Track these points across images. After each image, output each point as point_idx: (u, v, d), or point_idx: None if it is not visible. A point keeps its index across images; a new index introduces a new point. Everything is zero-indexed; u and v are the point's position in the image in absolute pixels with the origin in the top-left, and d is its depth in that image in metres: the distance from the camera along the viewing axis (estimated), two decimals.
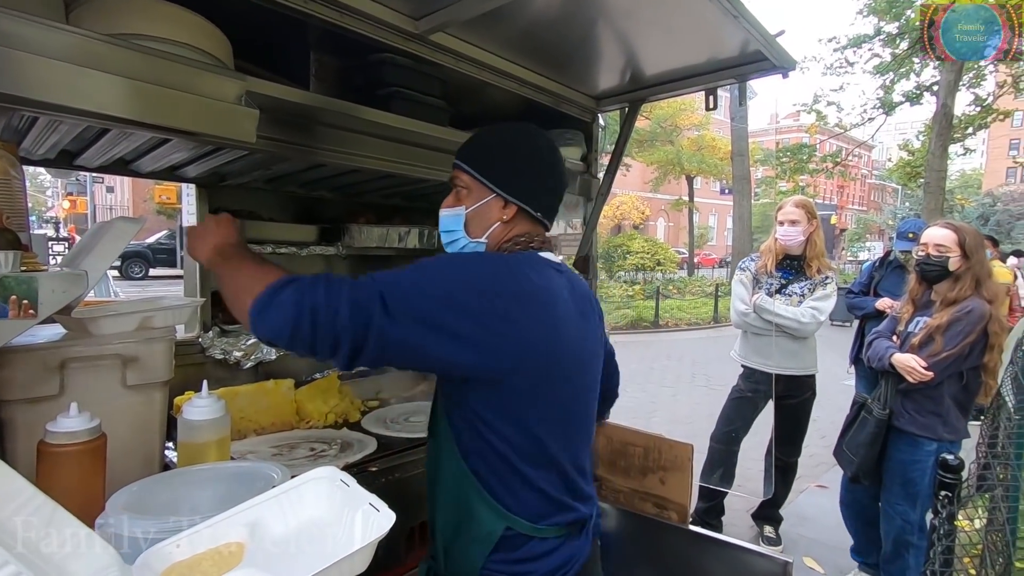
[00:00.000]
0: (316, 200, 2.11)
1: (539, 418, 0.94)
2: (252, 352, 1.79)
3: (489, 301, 0.88)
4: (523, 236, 1.05)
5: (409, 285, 0.86)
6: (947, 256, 2.26)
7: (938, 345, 2.18)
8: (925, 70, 15.11)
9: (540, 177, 1.07)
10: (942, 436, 2.23)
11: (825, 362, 3.03)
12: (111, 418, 1.08)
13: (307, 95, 1.28)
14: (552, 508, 0.98)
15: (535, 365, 0.92)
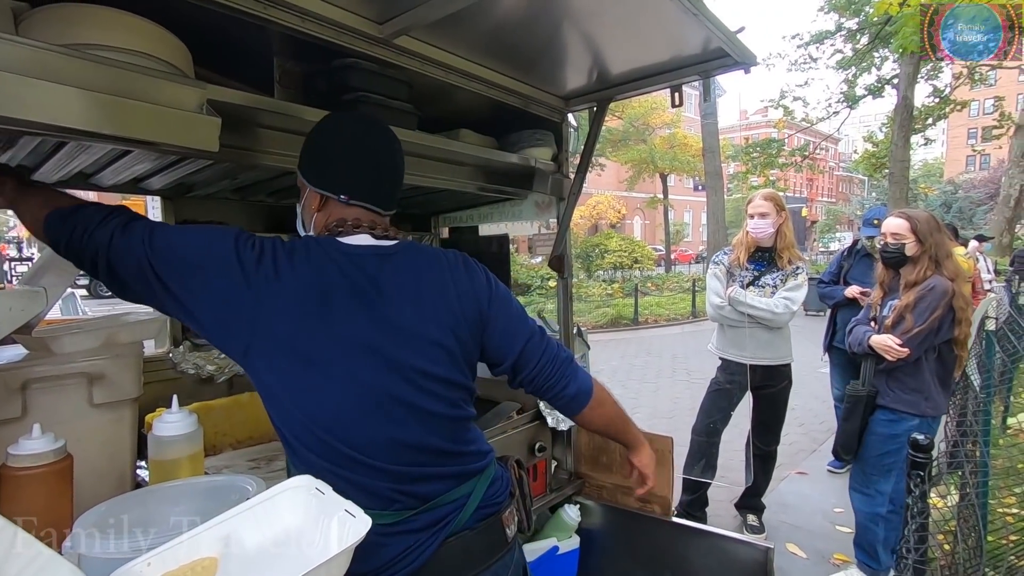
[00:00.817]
0: (287, 209, 2.08)
1: (294, 401, 0.90)
2: (226, 366, 1.76)
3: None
4: (334, 222, 1.04)
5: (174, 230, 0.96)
6: (903, 242, 2.41)
7: (909, 323, 2.30)
8: (885, 64, 15.56)
9: (339, 162, 1.05)
10: (924, 412, 2.35)
11: (800, 351, 3.10)
12: (78, 438, 1.06)
13: (271, 102, 1.26)
14: (360, 494, 0.86)
15: (267, 346, 0.90)
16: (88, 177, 1.52)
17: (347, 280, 0.96)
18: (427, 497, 0.95)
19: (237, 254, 0.92)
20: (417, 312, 0.99)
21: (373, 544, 0.80)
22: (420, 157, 1.65)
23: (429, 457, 0.97)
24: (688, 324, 11.79)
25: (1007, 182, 17.12)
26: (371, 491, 0.90)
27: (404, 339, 0.96)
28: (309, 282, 0.93)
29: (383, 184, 1.09)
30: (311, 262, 0.95)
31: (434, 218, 2.48)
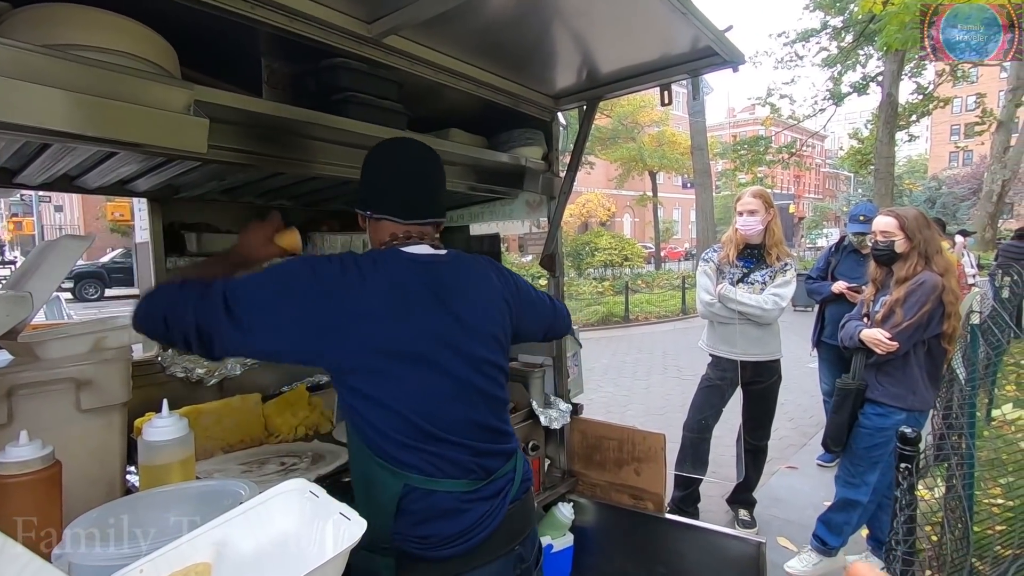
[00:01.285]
0: (275, 210, 2.06)
1: (384, 405, 1.03)
2: (216, 369, 1.75)
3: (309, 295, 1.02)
4: (388, 237, 1.17)
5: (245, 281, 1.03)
6: (893, 240, 2.45)
7: (898, 317, 2.34)
8: (870, 61, 15.74)
9: (382, 186, 1.19)
10: (912, 406, 2.39)
11: (789, 346, 3.13)
12: (67, 444, 1.04)
13: (260, 102, 1.25)
14: (447, 465, 1.06)
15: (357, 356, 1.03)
16: (73, 179, 1.50)
17: (422, 283, 1.10)
18: (491, 470, 1.11)
19: (315, 274, 1.03)
20: (476, 310, 1.15)
21: (459, 510, 1.04)
22: None
23: (491, 435, 1.14)
24: (678, 321, 11.85)
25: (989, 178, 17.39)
26: (454, 463, 1.06)
27: (472, 334, 1.12)
28: (391, 285, 1.07)
29: (429, 201, 1.21)
30: (387, 269, 1.09)
31: None
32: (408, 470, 1.02)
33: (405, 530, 1.02)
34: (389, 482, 1.02)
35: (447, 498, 1.04)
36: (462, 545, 1.04)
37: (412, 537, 1.02)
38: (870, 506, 2.54)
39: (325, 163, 1.42)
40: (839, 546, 2.61)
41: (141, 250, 1.73)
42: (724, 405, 3.11)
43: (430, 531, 1.03)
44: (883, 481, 2.49)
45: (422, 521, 1.03)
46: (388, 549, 1.03)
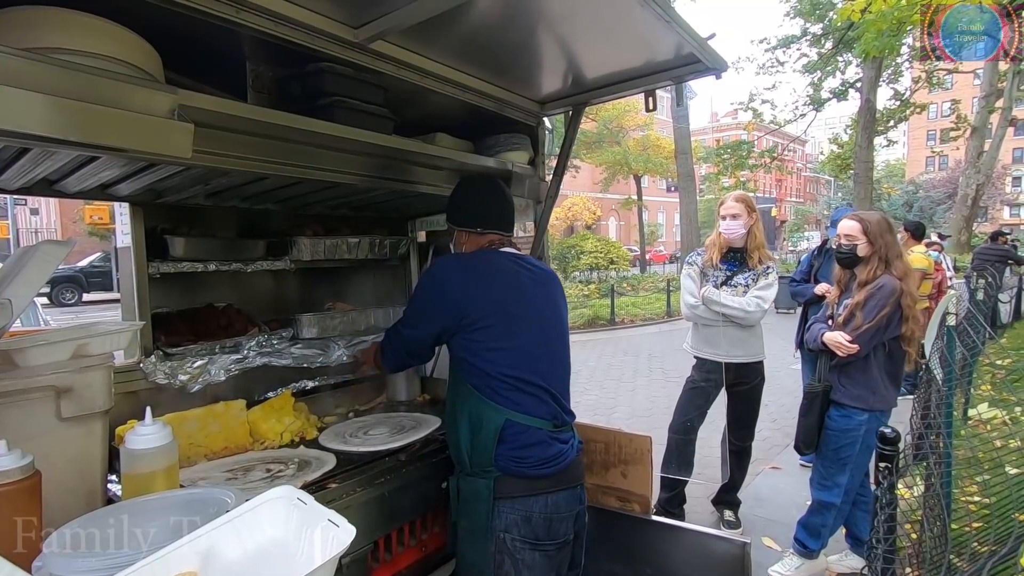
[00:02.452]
0: (260, 214, 2.05)
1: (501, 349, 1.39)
2: (199, 375, 1.72)
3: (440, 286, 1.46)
4: (487, 243, 1.57)
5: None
6: (855, 243, 2.50)
7: (858, 320, 2.39)
8: (849, 68, 16.05)
9: (473, 207, 1.59)
10: (873, 406, 2.43)
11: (772, 348, 3.17)
12: (46, 453, 1.02)
13: (245, 107, 1.25)
14: (531, 404, 1.38)
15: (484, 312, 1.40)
16: (53, 183, 1.48)
17: (523, 270, 1.51)
18: (565, 422, 1.46)
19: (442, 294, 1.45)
20: (552, 294, 1.57)
21: (545, 442, 1.38)
22: (396, 161, 1.64)
23: (566, 395, 1.51)
24: (663, 323, 11.93)
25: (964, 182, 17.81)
26: (544, 405, 1.40)
27: (555, 310, 1.54)
28: (502, 269, 1.48)
29: (506, 215, 1.61)
30: (498, 259, 1.51)
31: (411, 222, 2.47)
32: (511, 407, 1.35)
33: (506, 452, 1.34)
34: (493, 417, 1.35)
35: (537, 433, 1.37)
36: (547, 469, 1.36)
37: (511, 458, 1.35)
38: (844, 507, 2.58)
39: (310, 167, 1.42)
40: (819, 548, 2.64)
41: (122, 255, 1.70)
42: (709, 407, 3.14)
43: (525, 454, 1.35)
44: (853, 481, 2.54)
45: (519, 447, 1.35)
46: (490, 471, 1.35)
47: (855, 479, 2.52)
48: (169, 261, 1.72)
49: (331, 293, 2.33)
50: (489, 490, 1.35)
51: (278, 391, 1.97)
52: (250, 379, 1.91)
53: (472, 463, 1.38)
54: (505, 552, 1.33)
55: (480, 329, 1.38)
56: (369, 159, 1.54)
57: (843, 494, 2.52)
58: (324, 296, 2.29)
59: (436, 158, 1.73)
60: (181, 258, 1.73)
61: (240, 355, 1.82)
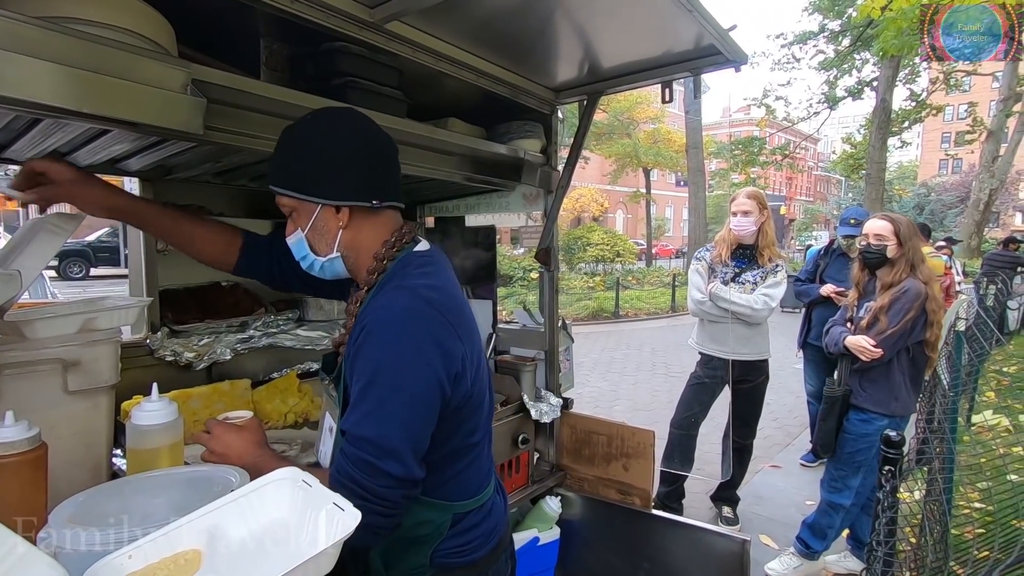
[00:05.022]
0: (269, 194, 2.03)
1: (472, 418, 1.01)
2: (205, 353, 1.73)
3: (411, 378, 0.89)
4: (390, 237, 1.02)
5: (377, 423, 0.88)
6: (885, 244, 2.46)
7: (883, 324, 2.36)
8: (865, 66, 15.84)
9: (354, 164, 0.98)
10: (894, 411, 2.41)
11: (776, 347, 3.15)
12: (53, 426, 1.03)
13: (258, 84, 1.23)
14: (483, 481, 1.08)
15: (470, 377, 0.98)
16: (63, 156, 1.47)
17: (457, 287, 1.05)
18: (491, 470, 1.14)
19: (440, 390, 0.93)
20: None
21: (488, 510, 1.07)
22: (408, 145, 1.62)
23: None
24: (668, 318, 11.92)
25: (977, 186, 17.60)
26: (487, 460, 1.10)
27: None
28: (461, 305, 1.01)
29: (397, 176, 1.06)
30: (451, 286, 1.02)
31: (420, 207, 2.45)
32: (458, 495, 1.02)
33: (446, 546, 1.01)
34: (436, 518, 1.00)
35: (484, 506, 1.07)
36: (492, 541, 1.07)
37: (451, 550, 1.01)
38: (853, 509, 2.57)
39: None
40: (822, 550, 2.64)
41: (131, 230, 1.69)
42: (712, 403, 3.13)
43: (469, 538, 1.03)
44: (866, 485, 2.52)
45: (462, 533, 1.02)
46: (420, 572, 1.00)
47: (868, 483, 2.51)
48: None
49: None
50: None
51: (283, 372, 1.97)
52: (256, 359, 1.91)
53: (390, 567, 1.01)
54: None
55: (456, 409, 0.96)
56: None
57: (853, 496, 2.51)
58: None
59: (448, 143, 1.71)
60: None
61: (246, 335, 1.83)
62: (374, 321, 0.90)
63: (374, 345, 0.89)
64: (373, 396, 0.87)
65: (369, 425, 0.86)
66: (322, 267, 1.04)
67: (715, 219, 19.08)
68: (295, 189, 0.99)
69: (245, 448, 1.00)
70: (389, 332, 0.89)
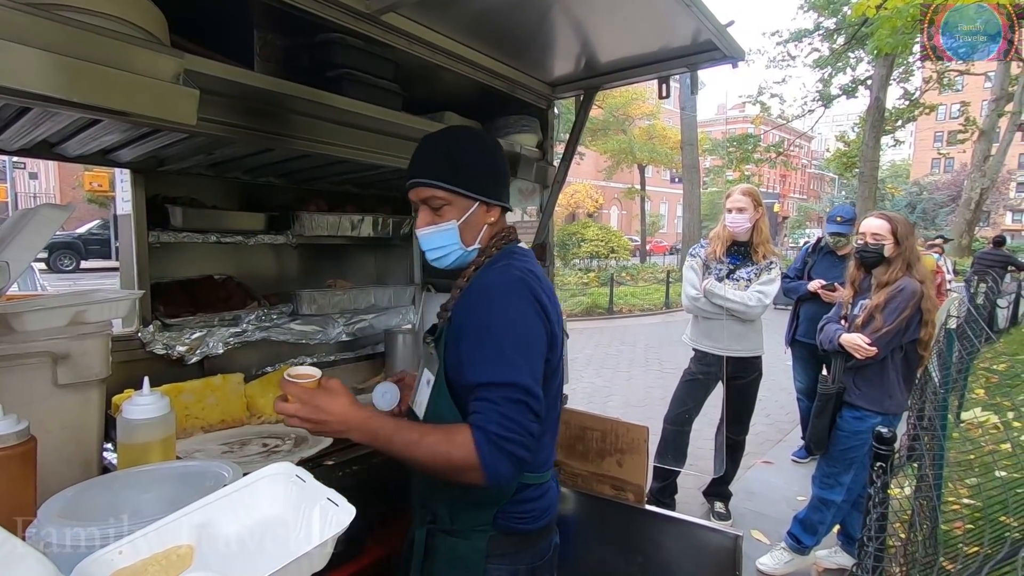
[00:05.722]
0: (262, 187, 2.02)
1: (550, 393, 1.10)
2: (197, 346, 1.71)
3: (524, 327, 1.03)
4: (503, 232, 1.17)
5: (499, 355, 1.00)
6: (882, 243, 2.45)
7: (878, 322, 2.37)
8: (860, 64, 15.88)
9: (498, 172, 1.16)
10: (887, 409, 2.43)
11: (768, 344, 3.16)
12: (42, 420, 1.01)
13: (252, 75, 1.21)
14: (550, 457, 1.18)
15: (557, 351, 1.10)
16: (53, 146, 1.45)
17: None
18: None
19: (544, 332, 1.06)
20: None
21: (548, 489, 1.17)
22: (404, 139, 1.61)
23: None
24: (662, 315, 11.95)
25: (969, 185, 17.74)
26: (553, 448, 1.21)
27: None
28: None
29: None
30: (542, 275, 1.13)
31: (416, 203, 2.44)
32: (530, 467, 1.07)
33: (510, 509, 1.10)
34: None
35: (545, 483, 1.16)
36: (545, 519, 1.16)
37: (514, 515, 1.11)
38: (844, 505, 2.59)
39: (316, 141, 1.39)
40: (813, 545, 2.66)
41: (122, 222, 1.67)
42: (705, 399, 3.14)
43: (529, 508, 1.12)
44: (857, 481, 2.54)
45: (524, 501, 1.12)
46: (483, 529, 1.10)
47: (859, 479, 2.52)
48: (169, 231, 1.70)
49: (332, 270, 2.31)
50: (481, 553, 1.09)
51: (276, 366, 1.96)
52: (249, 353, 1.90)
53: (456, 520, 1.11)
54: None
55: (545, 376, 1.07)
56: (376, 135, 1.51)
57: (845, 493, 2.53)
58: (324, 273, 2.28)
59: None
60: (181, 228, 1.71)
61: (239, 328, 1.81)
62: (489, 286, 1.06)
63: (491, 306, 1.02)
64: (499, 347, 0.99)
65: (504, 371, 0.97)
66: (458, 258, 1.14)
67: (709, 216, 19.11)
68: (459, 185, 1.09)
69: (345, 411, 0.96)
70: (503, 294, 1.03)
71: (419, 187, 1.10)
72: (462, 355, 1.03)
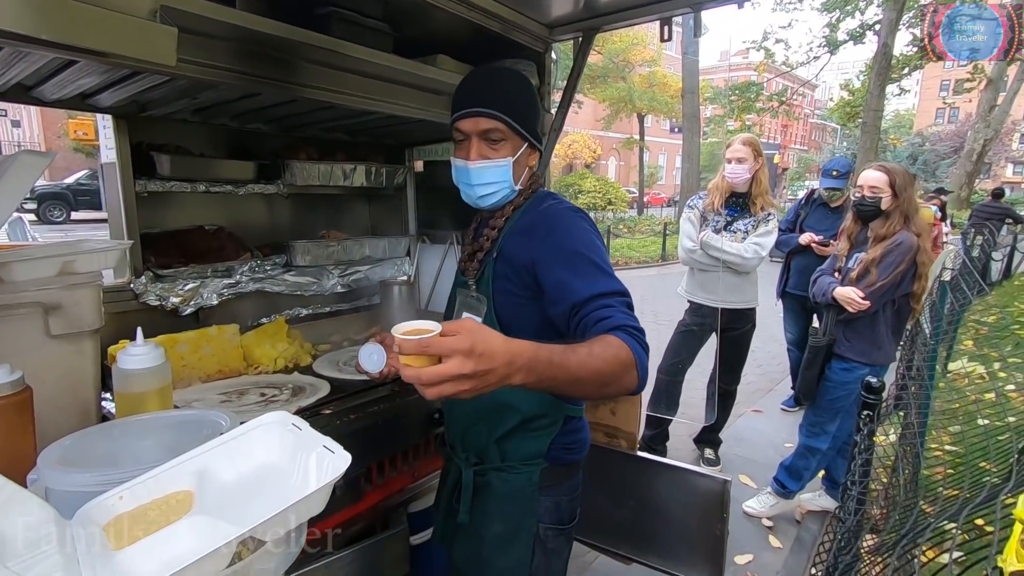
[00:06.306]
0: (251, 134, 1.96)
1: None
2: (191, 298, 1.70)
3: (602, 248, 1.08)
4: (536, 177, 1.19)
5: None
6: (880, 196, 2.42)
7: (873, 276, 2.37)
8: (869, 8, 15.31)
9: (541, 117, 1.19)
10: (876, 361, 2.46)
11: (762, 295, 3.18)
12: (37, 370, 1.01)
13: (233, 12, 1.15)
14: None
15: None
16: (28, 89, 1.39)
17: None
18: None
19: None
20: None
21: (584, 422, 1.24)
22: (394, 83, 1.55)
23: None
24: (658, 267, 11.97)
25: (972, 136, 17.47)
26: None
27: None
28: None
29: None
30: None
31: (408, 150, 2.38)
32: (567, 402, 1.16)
33: (560, 440, 1.17)
34: (553, 414, 1.15)
35: (581, 420, 1.23)
36: (584, 451, 1.24)
37: (563, 446, 1.17)
38: (829, 452, 2.67)
39: (303, 85, 1.33)
40: (797, 490, 2.76)
41: (108, 171, 1.63)
42: (699, 350, 3.18)
43: (573, 439, 1.20)
44: (843, 429, 2.61)
45: (570, 433, 1.19)
46: (535, 463, 1.15)
47: (844, 427, 2.60)
48: (156, 179, 1.66)
49: (324, 222, 2.28)
50: (535, 486, 1.15)
51: (272, 317, 1.96)
52: (243, 305, 1.89)
53: (507, 456, 1.16)
54: (538, 544, 1.17)
55: None
56: (367, 79, 1.46)
57: (830, 441, 2.61)
58: (317, 224, 2.24)
59: (437, 81, 1.64)
60: (169, 177, 1.67)
61: (232, 280, 1.80)
62: (557, 216, 1.09)
63: (570, 231, 1.05)
64: (595, 264, 1.01)
65: (610, 282, 1.00)
66: (504, 196, 1.14)
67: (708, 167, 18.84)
68: (519, 123, 1.09)
69: (508, 344, 0.75)
70: (572, 222, 1.07)
71: (481, 117, 1.07)
72: (556, 283, 1.01)
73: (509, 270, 1.09)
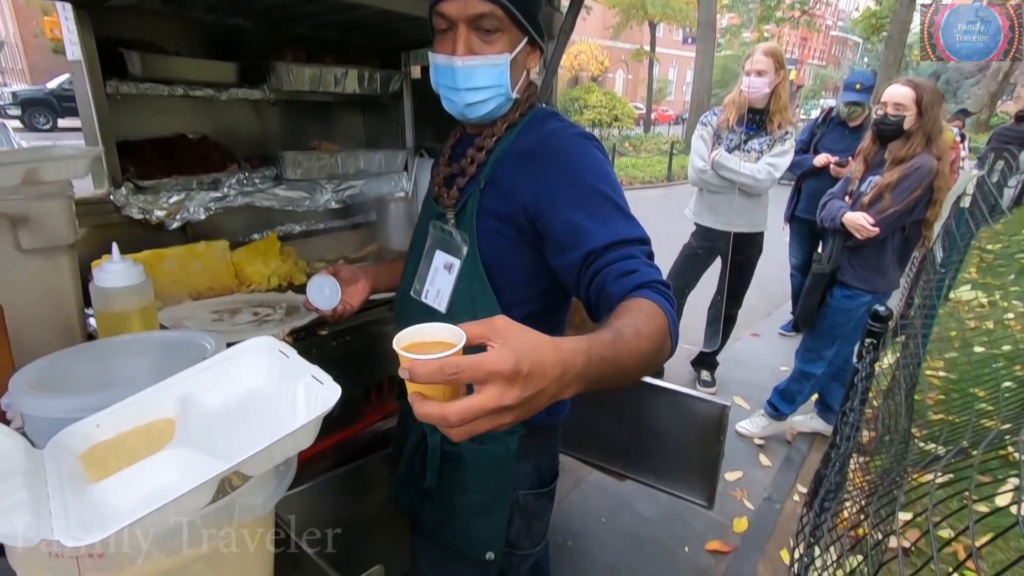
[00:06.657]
0: (231, 31, 1.79)
1: None
2: (176, 211, 1.61)
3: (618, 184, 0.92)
4: (532, 84, 0.99)
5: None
6: (903, 115, 2.26)
7: (887, 202, 2.26)
8: None
9: (542, 5, 0.96)
10: (879, 288, 2.41)
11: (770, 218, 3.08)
12: (10, 287, 0.96)
13: None
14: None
15: None
16: None
17: None
18: None
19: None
20: None
21: None
22: None
23: None
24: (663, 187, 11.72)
25: None
26: None
27: None
28: None
29: None
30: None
31: (404, 54, 2.20)
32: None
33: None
34: None
35: None
36: (564, 412, 1.15)
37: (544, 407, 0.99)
38: (823, 377, 2.69)
39: None
40: (789, 413, 2.81)
41: (74, 69, 1.48)
42: (703, 273, 3.14)
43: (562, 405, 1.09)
44: (839, 355, 2.62)
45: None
46: (514, 429, 0.99)
47: (840, 353, 2.60)
48: (129, 80, 1.52)
49: (316, 131, 2.14)
50: (512, 455, 1.02)
51: (264, 233, 1.89)
52: (233, 219, 1.81)
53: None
54: (517, 510, 1.07)
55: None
56: None
57: (825, 366, 2.62)
58: (308, 135, 2.11)
59: None
60: (142, 77, 1.53)
61: (220, 193, 1.70)
62: (560, 141, 0.90)
63: (574, 161, 0.88)
64: (616, 205, 0.86)
65: (627, 227, 0.85)
66: (498, 106, 0.93)
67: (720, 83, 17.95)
68: (519, 9, 0.87)
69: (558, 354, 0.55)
70: (581, 146, 0.89)
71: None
72: (566, 225, 0.84)
73: (500, 204, 0.90)
